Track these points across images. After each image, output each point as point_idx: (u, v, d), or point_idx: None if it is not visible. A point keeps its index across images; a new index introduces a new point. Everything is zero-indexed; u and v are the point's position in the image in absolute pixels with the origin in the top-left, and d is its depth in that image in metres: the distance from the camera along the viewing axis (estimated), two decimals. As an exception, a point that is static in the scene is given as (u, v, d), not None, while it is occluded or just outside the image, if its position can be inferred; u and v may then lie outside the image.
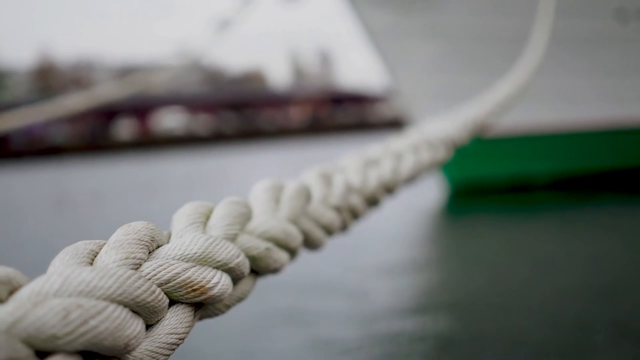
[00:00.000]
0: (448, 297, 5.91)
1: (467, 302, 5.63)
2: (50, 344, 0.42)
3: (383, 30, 11.78)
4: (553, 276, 6.16)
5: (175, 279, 0.53)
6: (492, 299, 5.65)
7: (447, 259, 8.01)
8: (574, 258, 6.98)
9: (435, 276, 6.94)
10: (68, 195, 19.73)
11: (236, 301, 0.63)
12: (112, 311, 0.45)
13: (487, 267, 6.90)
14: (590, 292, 5.64)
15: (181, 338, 0.54)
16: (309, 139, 48.31)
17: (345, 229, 0.87)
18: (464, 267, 7.20)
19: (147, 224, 0.56)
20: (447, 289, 6.29)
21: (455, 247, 8.63)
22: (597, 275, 6.20)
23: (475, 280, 6.34)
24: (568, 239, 8.11)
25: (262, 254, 0.64)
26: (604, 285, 5.79)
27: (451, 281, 6.61)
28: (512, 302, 5.54)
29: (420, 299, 5.91)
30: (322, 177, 0.81)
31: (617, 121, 12.02)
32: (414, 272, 7.14)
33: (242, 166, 25.60)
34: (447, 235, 9.69)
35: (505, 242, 8.16)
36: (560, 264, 6.74)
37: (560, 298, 5.53)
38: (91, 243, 0.53)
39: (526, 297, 5.61)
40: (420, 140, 1.21)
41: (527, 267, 6.71)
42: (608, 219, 9.19)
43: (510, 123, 11.28)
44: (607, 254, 7.06)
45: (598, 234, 8.26)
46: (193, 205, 0.63)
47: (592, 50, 11.54)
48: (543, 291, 5.76)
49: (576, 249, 7.51)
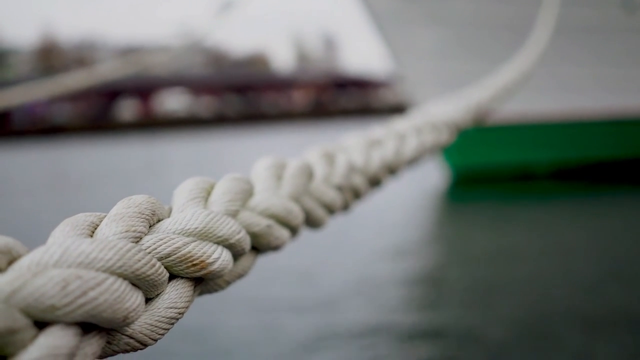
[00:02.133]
0: (440, 288, 5.92)
1: (458, 295, 5.65)
2: (49, 314, 0.42)
3: (387, 15, 11.74)
4: (552, 266, 6.17)
5: (175, 253, 0.53)
6: (485, 290, 5.67)
7: (442, 246, 8.02)
8: (573, 247, 6.99)
9: (428, 262, 6.95)
10: (68, 175, 19.75)
11: (236, 277, 0.62)
12: (111, 283, 0.45)
13: (482, 257, 6.91)
14: (589, 280, 5.66)
15: (180, 312, 0.53)
16: (311, 123, 48.24)
17: (347, 208, 0.86)
18: (459, 255, 7.21)
19: (148, 198, 0.56)
20: (442, 278, 6.30)
21: (453, 234, 8.64)
22: (597, 264, 6.21)
23: (471, 270, 6.35)
24: (568, 229, 8.11)
25: (263, 230, 0.64)
26: (605, 272, 5.80)
27: (445, 269, 6.62)
28: (505, 292, 5.56)
29: (411, 289, 5.93)
30: (325, 156, 0.81)
31: (620, 111, 11.98)
32: (411, 256, 7.15)
33: (244, 149, 25.59)
34: (445, 222, 9.70)
35: (502, 232, 8.17)
36: (558, 254, 6.74)
37: (557, 286, 5.54)
38: (91, 215, 0.53)
39: (518, 288, 5.62)
40: (423, 122, 1.20)
41: (525, 258, 6.72)
42: (609, 209, 9.19)
43: (513, 111, 11.25)
44: (609, 243, 7.07)
45: (599, 224, 8.26)
46: (194, 180, 0.63)
47: (596, 40, 11.48)
48: (539, 282, 5.77)
49: (576, 238, 7.51)
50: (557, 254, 6.67)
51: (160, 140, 37.89)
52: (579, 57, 11.59)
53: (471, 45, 11.58)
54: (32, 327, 0.42)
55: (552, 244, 7.20)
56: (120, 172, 19.03)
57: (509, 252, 6.90)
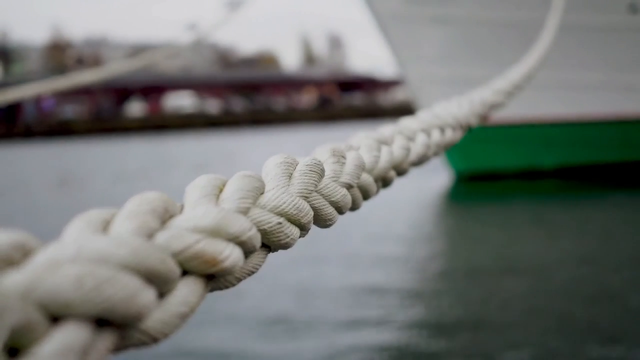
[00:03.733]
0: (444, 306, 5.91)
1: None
2: (64, 310, 0.43)
3: (391, 17, 11.74)
4: (557, 272, 6.14)
5: (187, 250, 0.53)
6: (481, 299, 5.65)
7: (445, 244, 8.00)
8: (573, 251, 6.96)
9: (430, 258, 6.94)
10: (77, 172, 19.82)
11: (247, 274, 0.63)
12: (125, 279, 0.46)
13: (485, 265, 6.89)
14: (592, 282, 5.64)
15: (192, 308, 0.54)
16: (318, 123, 48.22)
17: (355, 207, 0.87)
18: (461, 253, 7.19)
19: (161, 195, 0.57)
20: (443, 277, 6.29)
21: (456, 232, 8.63)
22: (599, 266, 6.19)
23: (474, 277, 6.34)
24: (569, 231, 8.08)
25: (274, 228, 0.64)
26: (623, 277, 5.78)
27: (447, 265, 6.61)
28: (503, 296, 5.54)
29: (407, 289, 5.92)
30: (335, 155, 0.81)
31: (626, 114, 11.91)
32: (409, 252, 7.14)
33: (252, 148, 25.61)
34: (448, 221, 9.69)
35: (506, 232, 8.14)
36: (559, 255, 6.72)
37: (557, 290, 5.52)
38: (104, 211, 0.53)
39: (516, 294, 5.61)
40: (431, 121, 1.20)
41: (525, 259, 6.70)
42: (613, 211, 9.15)
43: (519, 113, 11.23)
44: (610, 246, 7.04)
45: (601, 226, 8.22)
46: (206, 177, 0.64)
47: (602, 43, 11.44)
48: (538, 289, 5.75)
49: (575, 240, 7.48)
50: (563, 260, 6.64)
51: (168, 139, 37.98)
52: (585, 59, 11.56)
53: (475, 47, 11.58)
54: (46, 322, 0.42)
55: (555, 248, 7.17)
56: (128, 170, 19.08)
57: (510, 257, 6.86)
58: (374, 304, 5.11)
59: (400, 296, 5.29)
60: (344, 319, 4.75)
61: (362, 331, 4.46)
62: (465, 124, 1.40)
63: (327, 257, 6.69)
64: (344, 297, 5.33)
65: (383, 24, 11.89)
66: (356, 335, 4.41)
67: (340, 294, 5.42)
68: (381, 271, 6.19)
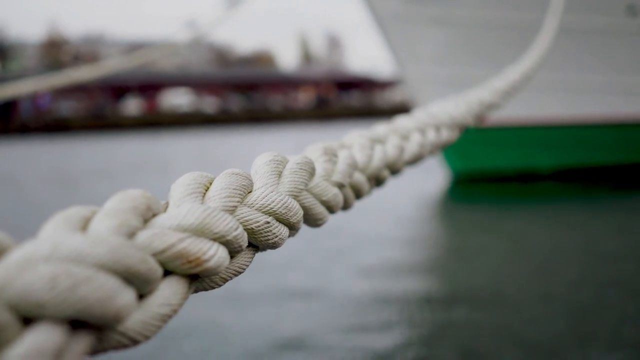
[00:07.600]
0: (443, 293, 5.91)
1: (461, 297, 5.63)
2: (37, 310, 0.41)
3: (391, 17, 11.73)
4: (551, 269, 6.14)
5: (170, 249, 0.51)
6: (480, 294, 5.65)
7: (441, 248, 7.99)
8: (570, 250, 6.96)
9: (427, 260, 6.93)
10: (72, 169, 19.77)
11: (233, 275, 0.61)
12: (102, 279, 0.44)
13: (481, 258, 6.89)
14: (590, 281, 5.64)
15: (174, 310, 0.52)
16: (316, 123, 48.21)
17: (347, 206, 0.85)
18: (459, 256, 7.19)
19: (144, 192, 0.55)
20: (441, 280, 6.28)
21: (452, 235, 8.62)
22: (596, 266, 6.19)
23: (472, 273, 6.33)
24: (565, 231, 8.08)
25: (261, 227, 0.63)
26: (604, 274, 5.78)
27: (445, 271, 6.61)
28: (504, 295, 5.54)
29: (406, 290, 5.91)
30: (326, 153, 0.79)
31: (624, 116, 11.91)
32: (409, 250, 7.14)
33: (248, 146, 25.58)
34: (445, 223, 9.68)
35: (503, 235, 8.13)
36: (556, 257, 6.72)
37: (555, 289, 5.52)
38: (84, 209, 0.51)
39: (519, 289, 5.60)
40: (426, 120, 1.19)
41: (523, 261, 6.70)
42: (608, 213, 9.15)
43: (516, 114, 11.23)
44: (609, 247, 7.04)
45: (600, 228, 8.23)
46: (192, 175, 0.62)
47: (601, 44, 11.44)
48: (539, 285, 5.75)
49: (573, 241, 7.48)
50: (555, 258, 6.64)
51: (164, 137, 37.93)
52: (583, 61, 11.56)
53: (474, 48, 11.58)
54: (18, 324, 0.40)
55: (549, 247, 7.17)
56: (123, 167, 19.04)
57: (509, 259, 6.87)
58: (374, 306, 5.10)
59: (396, 299, 5.28)
60: (337, 325, 4.73)
61: (362, 334, 4.45)
62: (461, 124, 1.39)
63: (319, 262, 6.67)
64: (338, 301, 5.32)
65: (382, 24, 11.87)
66: (354, 340, 4.39)
67: (339, 298, 5.40)
68: (379, 272, 6.18)
